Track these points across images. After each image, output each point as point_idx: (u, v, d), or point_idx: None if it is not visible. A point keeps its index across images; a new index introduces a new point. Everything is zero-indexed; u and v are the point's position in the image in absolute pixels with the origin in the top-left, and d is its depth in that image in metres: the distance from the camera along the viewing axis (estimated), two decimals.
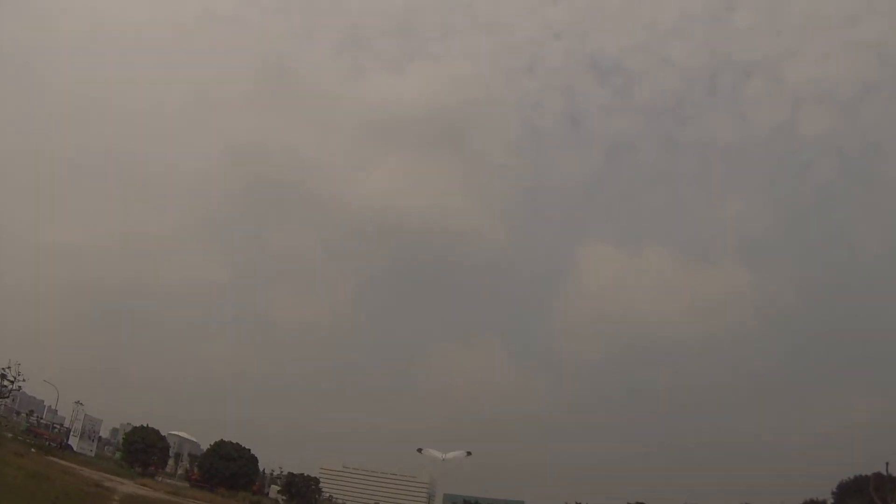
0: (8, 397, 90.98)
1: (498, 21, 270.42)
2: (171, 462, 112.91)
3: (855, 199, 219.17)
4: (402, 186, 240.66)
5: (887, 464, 76.13)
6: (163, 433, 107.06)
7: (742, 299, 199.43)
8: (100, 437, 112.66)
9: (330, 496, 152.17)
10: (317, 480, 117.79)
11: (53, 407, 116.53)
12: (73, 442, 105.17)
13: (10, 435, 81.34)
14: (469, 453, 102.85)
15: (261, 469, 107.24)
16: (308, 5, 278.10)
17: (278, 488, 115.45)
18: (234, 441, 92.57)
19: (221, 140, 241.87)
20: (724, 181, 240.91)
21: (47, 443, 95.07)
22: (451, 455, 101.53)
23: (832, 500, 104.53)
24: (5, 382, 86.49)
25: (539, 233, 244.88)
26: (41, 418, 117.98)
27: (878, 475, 79.09)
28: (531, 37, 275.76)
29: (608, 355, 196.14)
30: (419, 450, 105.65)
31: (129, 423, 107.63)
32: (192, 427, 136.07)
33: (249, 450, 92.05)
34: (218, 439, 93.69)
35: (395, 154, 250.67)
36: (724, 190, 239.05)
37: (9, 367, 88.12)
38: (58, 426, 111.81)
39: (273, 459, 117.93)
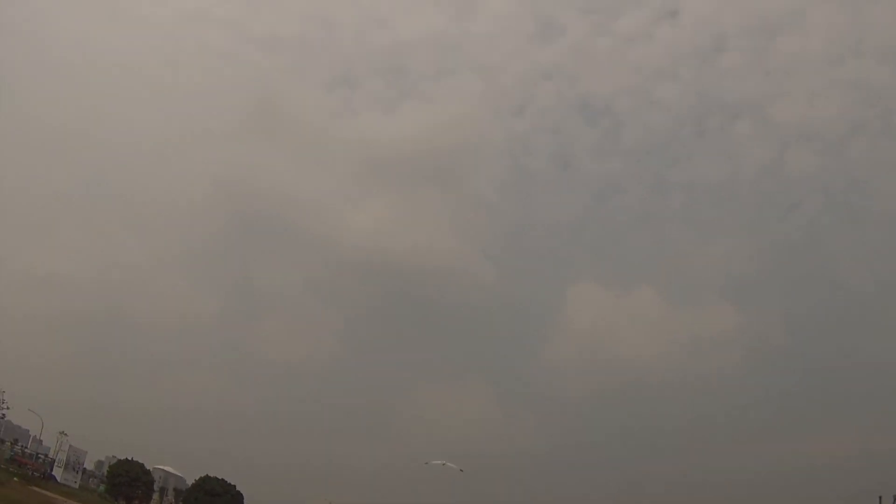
0: None
1: (489, 62, 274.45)
2: (155, 496, 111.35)
3: (841, 236, 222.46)
4: (392, 225, 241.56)
5: (880, 498, 75.43)
6: (148, 467, 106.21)
7: (729, 338, 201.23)
8: (84, 468, 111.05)
9: None
10: None
11: (38, 437, 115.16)
12: (58, 473, 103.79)
13: None
14: (461, 470, 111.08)
15: None
16: (300, 43, 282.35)
17: None
18: (220, 477, 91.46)
19: (210, 174, 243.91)
20: (712, 221, 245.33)
21: (31, 472, 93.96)
22: (449, 465, 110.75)
23: None
24: None
25: (528, 272, 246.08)
26: (26, 447, 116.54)
27: None
28: (522, 78, 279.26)
29: (594, 395, 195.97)
30: (426, 463, 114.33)
31: (113, 456, 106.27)
32: (177, 460, 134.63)
33: (234, 486, 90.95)
34: (203, 474, 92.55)
35: (385, 192, 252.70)
36: (712, 230, 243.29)
37: None
38: (42, 456, 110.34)
39: (258, 495, 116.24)
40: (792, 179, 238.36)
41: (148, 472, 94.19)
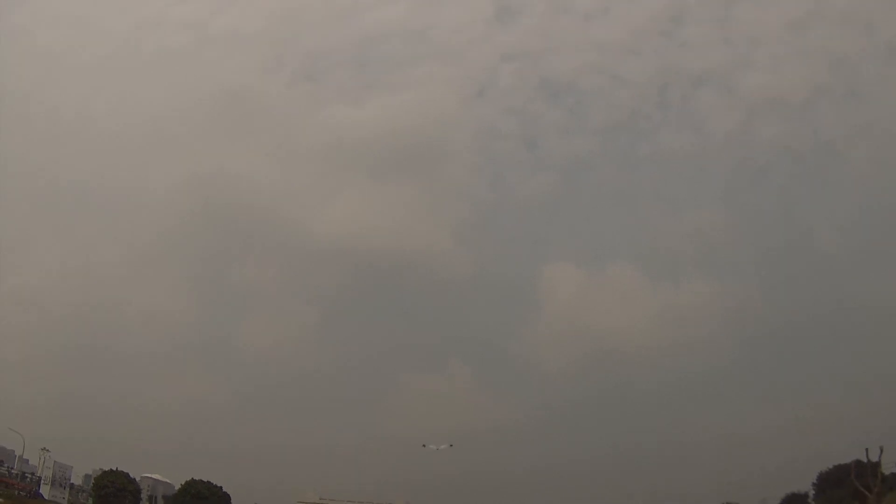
0: None
1: (451, 49, 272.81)
2: None
3: (813, 201, 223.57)
4: (364, 214, 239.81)
5: (867, 450, 75.08)
6: (136, 476, 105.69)
7: (707, 308, 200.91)
8: (72, 483, 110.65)
9: None
10: None
11: (22, 455, 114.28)
12: (45, 490, 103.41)
13: None
14: (451, 445, 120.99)
15: None
16: (262, 40, 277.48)
17: None
18: (206, 479, 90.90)
19: (178, 171, 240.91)
20: (683, 193, 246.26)
21: (17, 492, 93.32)
22: (442, 447, 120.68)
23: (813, 492, 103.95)
24: None
25: (502, 254, 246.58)
26: (12, 468, 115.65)
27: (857, 462, 77.75)
28: (484, 62, 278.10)
29: (575, 368, 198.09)
30: (423, 445, 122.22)
31: (100, 469, 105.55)
32: (163, 462, 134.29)
33: (221, 487, 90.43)
34: (189, 478, 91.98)
35: (356, 182, 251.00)
36: (684, 202, 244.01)
37: None
38: (29, 475, 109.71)
39: (246, 493, 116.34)
40: (760, 146, 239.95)
41: (134, 481, 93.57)
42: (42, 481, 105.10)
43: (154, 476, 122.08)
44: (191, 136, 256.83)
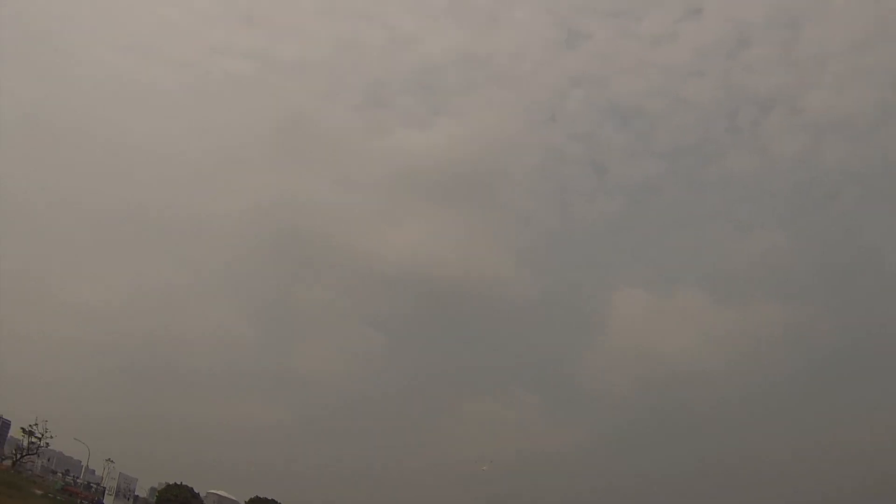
0: (36, 454, 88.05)
1: (517, 73, 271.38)
2: None
3: (879, 220, 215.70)
4: (429, 239, 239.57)
5: None
6: (200, 491, 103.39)
7: (776, 333, 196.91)
8: (136, 496, 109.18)
9: None
10: None
11: (88, 465, 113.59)
12: (109, 501, 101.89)
13: (39, 493, 78.56)
14: (491, 462, 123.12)
15: None
16: (328, 66, 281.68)
17: None
18: (269, 497, 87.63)
19: (246, 196, 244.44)
20: (750, 216, 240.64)
21: (80, 502, 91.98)
22: (484, 467, 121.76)
23: None
24: (33, 439, 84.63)
25: (568, 280, 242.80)
26: (77, 477, 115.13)
27: None
28: (551, 86, 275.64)
29: (640, 392, 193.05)
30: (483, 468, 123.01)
31: (164, 483, 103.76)
32: (230, 479, 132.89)
33: None
34: (253, 495, 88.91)
35: (422, 208, 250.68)
36: (751, 225, 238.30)
37: (35, 424, 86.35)
38: (94, 485, 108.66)
39: None
40: (827, 169, 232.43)
41: (197, 496, 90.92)
42: (106, 492, 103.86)
43: (219, 492, 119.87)
44: (258, 162, 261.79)
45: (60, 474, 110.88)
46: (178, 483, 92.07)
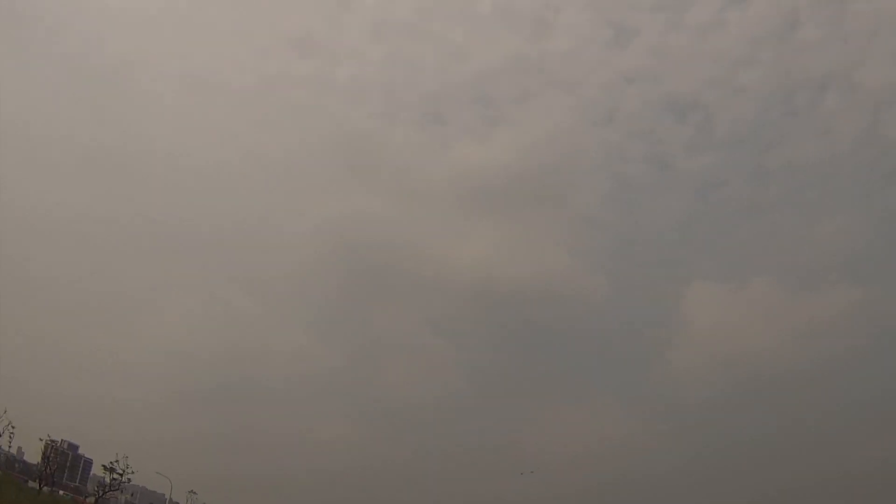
0: (118, 490, 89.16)
1: (571, 77, 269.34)
2: None
3: None
4: (501, 252, 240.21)
5: None
6: None
7: (854, 318, 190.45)
8: None
9: None
10: None
11: (174, 498, 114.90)
12: None
13: None
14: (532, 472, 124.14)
15: None
16: (383, 85, 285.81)
17: None
18: None
19: (312, 217, 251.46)
20: (816, 200, 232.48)
21: None
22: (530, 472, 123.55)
23: None
24: (114, 475, 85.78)
25: (641, 280, 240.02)
26: None
27: None
28: (605, 86, 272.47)
29: (721, 390, 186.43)
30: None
31: None
32: (311, 498, 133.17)
33: None
34: None
35: (489, 220, 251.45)
36: (818, 209, 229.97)
37: (116, 461, 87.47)
38: None
39: None
40: (890, 144, 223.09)
41: None
42: None
43: None
44: (321, 183, 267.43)
45: None
46: None
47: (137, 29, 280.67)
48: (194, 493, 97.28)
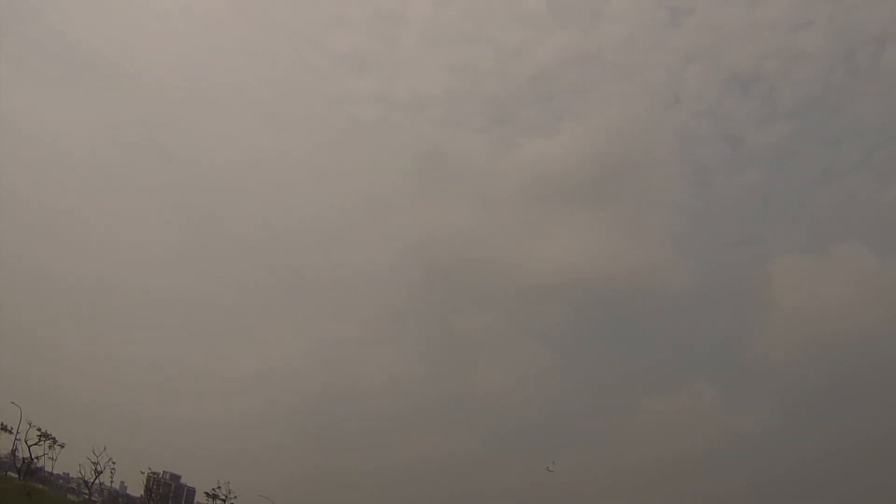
0: None
1: (630, 62, 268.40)
2: None
3: None
4: (576, 242, 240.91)
5: None
6: None
7: None
8: None
9: None
10: None
11: None
12: None
13: None
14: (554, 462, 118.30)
15: None
16: (446, 95, 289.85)
17: None
18: None
19: (396, 240, 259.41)
20: (892, 160, 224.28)
21: None
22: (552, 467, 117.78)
23: None
24: (217, 502, 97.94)
25: (722, 261, 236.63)
26: None
27: None
28: (666, 68, 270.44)
29: (816, 364, 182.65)
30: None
31: None
32: None
33: None
34: None
35: (563, 213, 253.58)
36: (892, 169, 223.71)
37: (219, 487, 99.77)
38: None
39: None
40: None
41: None
42: None
43: None
44: (398, 202, 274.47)
45: None
46: None
47: (198, 65, 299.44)
48: None
